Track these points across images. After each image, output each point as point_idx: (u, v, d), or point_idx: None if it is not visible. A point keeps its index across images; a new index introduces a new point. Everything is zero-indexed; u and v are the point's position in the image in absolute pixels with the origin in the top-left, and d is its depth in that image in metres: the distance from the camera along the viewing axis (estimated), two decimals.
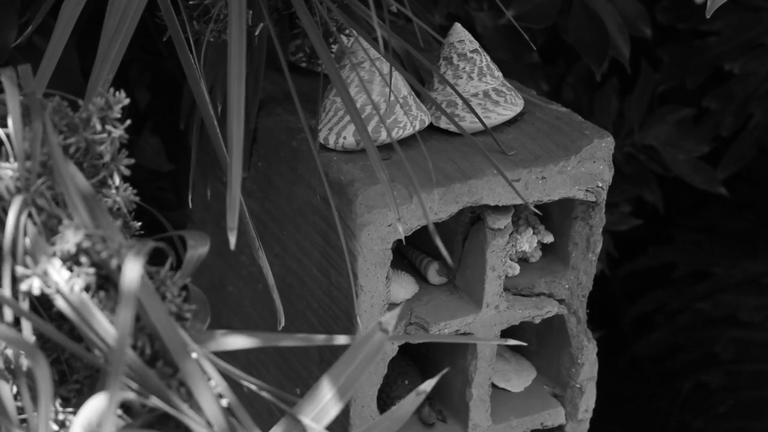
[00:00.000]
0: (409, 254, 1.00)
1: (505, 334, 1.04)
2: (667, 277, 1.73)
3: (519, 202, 0.91)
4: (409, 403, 0.71)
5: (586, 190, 0.94)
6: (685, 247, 1.71)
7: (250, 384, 0.71)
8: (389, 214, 0.87)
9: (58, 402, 0.67)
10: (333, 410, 0.69)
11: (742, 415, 1.69)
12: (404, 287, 0.95)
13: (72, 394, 0.69)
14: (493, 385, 1.02)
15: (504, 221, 0.91)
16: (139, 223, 0.76)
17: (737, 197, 1.73)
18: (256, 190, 1.01)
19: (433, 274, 0.97)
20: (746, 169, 1.63)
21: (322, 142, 0.91)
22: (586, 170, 0.94)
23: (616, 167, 1.48)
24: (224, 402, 0.65)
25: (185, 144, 1.09)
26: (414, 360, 1.02)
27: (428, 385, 0.71)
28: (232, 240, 0.71)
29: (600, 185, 0.95)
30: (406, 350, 1.01)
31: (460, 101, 0.94)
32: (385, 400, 0.99)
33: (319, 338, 0.71)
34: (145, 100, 1.19)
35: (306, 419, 0.68)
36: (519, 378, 1.03)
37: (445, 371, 0.76)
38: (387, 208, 0.87)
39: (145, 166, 1.19)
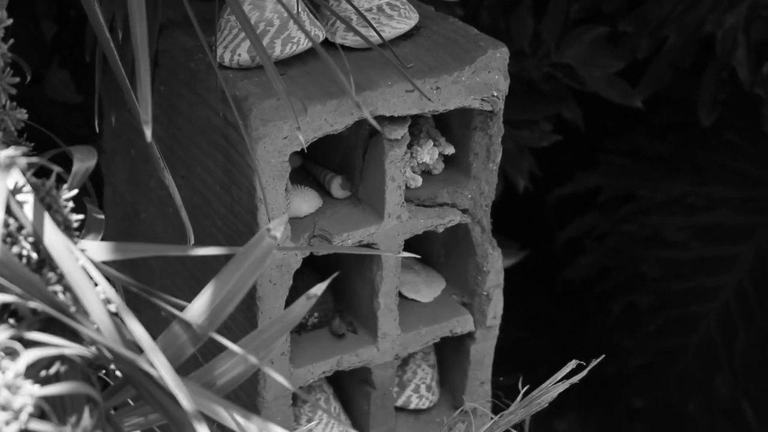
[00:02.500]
0: (314, 170, 1.01)
1: (412, 245, 1.06)
2: (594, 201, 1.76)
3: (414, 112, 0.93)
4: (300, 306, 0.73)
5: (482, 100, 0.96)
6: (611, 171, 1.74)
7: (140, 291, 0.73)
8: (284, 126, 0.89)
9: None
10: (221, 315, 0.70)
11: (671, 332, 1.73)
12: (307, 201, 0.97)
13: None
14: (404, 297, 1.05)
15: (400, 131, 0.93)
16: (32, 144, 0.77)
17: (660, 120, 1.76)
18: (160, 114, 1.02)
19: (337, 188, 0.99)
20: (666, 90, 1.66)
21: (218, 60, 0.93)
22: (481, 80, 0.96)
23: (534, 87, 1.52)
24: (112, 307, 0.67)
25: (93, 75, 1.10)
26: (323, 274, 1.04)
27: (318, 289, 0.72)
28: (148, 132, 0.71)
29: (495, 95, 0.97)
30: (315, 265, 1.03)
31: (355, 16, 0.96)
32: None
33: (206, 250, 0.73)
34: (51, 33, 1.20)
35: (196, 322, 0.70)
36: (428, 289, 1.06)
37: (335, 274, 0.78)
38: (282, 120, 0.88)
39: (57, 100, 1.20)
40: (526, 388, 1.01)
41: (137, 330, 0.65)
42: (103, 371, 0.74)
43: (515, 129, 1.50)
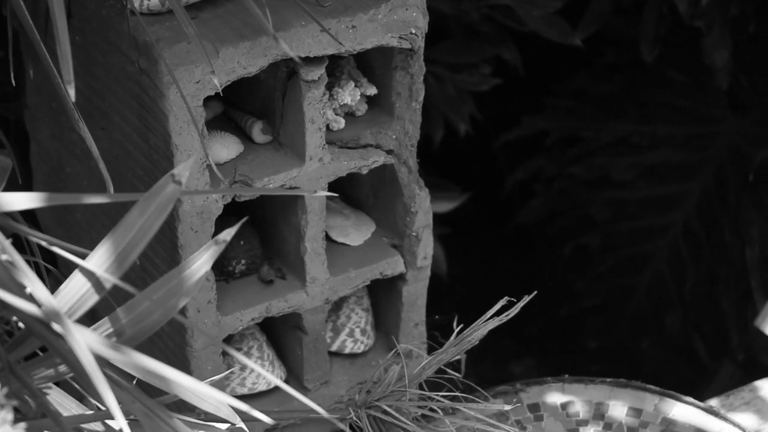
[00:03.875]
0: (235, 116, 1.00)
1: (340, 189, 1.06)
2: (541, 144, 1.75)
3: (330, 52, 0.92)
4: (210, 252, 0.72)
5: (400, 38, 0.95)
6: (556, 114, 1.73)
7: (39, 240, 0.72)
8: (196, 70, 0.87)
9: None
10: (125, 262, 0.69)
11: (622, 272, 1.74)
12: (227, 147, 0.96)
13: None
14: (333, 241, 1.04)
15: (317, 72, 0.92)
16: None
17: (604, 60, 1.75)
18: (77, 65, 1.00)
19: (258, 133, 0.98)
20: (608, 30, 1.65)
21: (129, 6, 0.91)
22: (398, 18, 0.94)
23: (473, 29, 1.50)
24: (3, 257, 0.65)
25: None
26: (251, 222, 1.03)
27: (228, 234, 0.71)
28: (72, 92, 0.69)
29: (414, 32, 0.95)
30: (242, 212, 1.02)
31: None
32: (222, 261, 1.00)
33: (114, 196, 0.72)
34: None
35: (99, 270, 0.69)
36: (358, 232, 1.05)
37: (245, 219, 0.77)
38: (193, 64, 0.87)
39: None
40: (459, 327, 1.01)
41: (32, 280, 0.64)
42: (6, 324, 0.73)
43: (455, 72, 1.49)
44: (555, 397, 1.10)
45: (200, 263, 0.71)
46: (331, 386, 1.06)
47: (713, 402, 1.22)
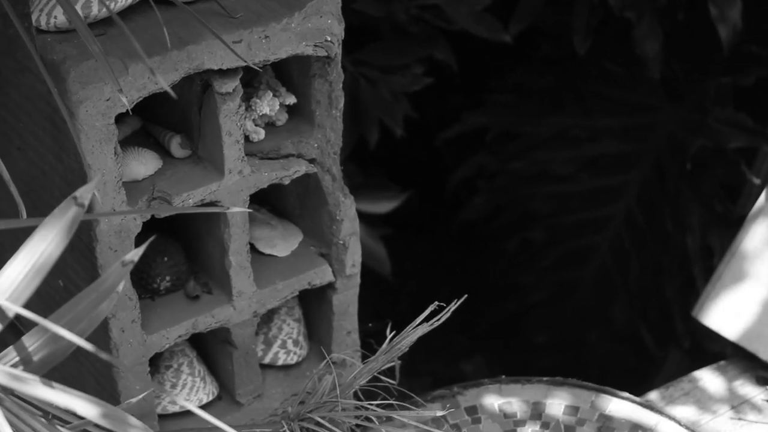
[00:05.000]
0: (153, 131, 0.99)
1: (264, 199, 1.05)
2: (481, 141, 1.75)
3: (243, 63, 0.91)
4: (115, 274, 0.70)
5: (315, 46, 0.94)
6: (495, 110, 1.73)
7: None
8: (105, 88, 0.86)
9: None
10: (28, 288, 0.68)
11: (566, 265, 1.74)
12: (145, 164, 0.94)
13: None
14: (261, 253, 1.03)
15: (231, 84, 0.91)
16: None
17: (540, 55, 1.75)
18: None
19: (176, 148, 0.97)
20: (542, 24, 1.65)
21: (35, 24, 0.89)
22: (313, 26, 0.93)
23: (402, 29, 1.49)
24: None
25: None
26: (175, 237, 1.02)
27: (135, 255, 0.70)
28: None
29: (329, 39, 0.95)
30: (165, 228, 1.01)
31: None
32: (146, 279, 0.99)
33: (15, 222, 0.70)
34: None
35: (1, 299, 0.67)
36: (285, 242, 1.04)
37: (152, 238, 0.76)
38: (102, 82, 0.86)
39: None
40: (392, 334, 1.00)
41: None
42: None
43: (387, 74, 1.48)
44: (492, 399, 1.10)
45: (108, 286, 0.70)
46: (264, 399, 1.05)
47: (653, 394, 1.22)
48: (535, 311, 1.79)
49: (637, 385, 1.33)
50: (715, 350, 1.38)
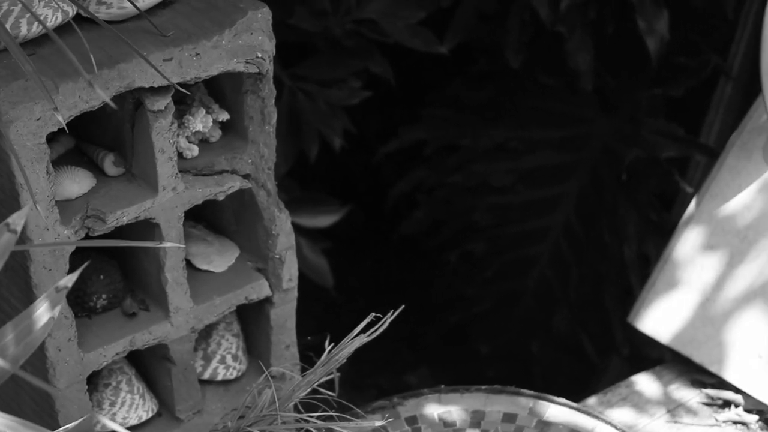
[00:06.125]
0: (87, 149, 0.99)
1: (199, 216, 1.05)
2: (420, 155, 1.77)
3: (175, 81, 0.91)
4: (46, 302, 0.71)
5: (246, 62, 0.95)
6: (433, 124, 1.74)
7: None
8: (36, 107, 0.86)
9: None
10: None
11: (508, 276, 1.76)
12: (78, 182, 0.94)
13: None
14: (198, 269, 1.04)
15: (163, 102, 0.92)
16: None
17: (476, 69, 1.77)
18: None
19: (110, 166, 0.97)
20: (477, 39, 1.67)
21: None
22: (243, 42, 0.94)
23: (339, 44, 1.51)
24: None
25: None
26: (111, 254, 1.02)
27: (69, 281, 0.71)
28: None
29: (260, 56, 0.96)
30: (101, 247, 1.01)
31: None
32: (82, 297, 0.99)
33: None
34: None
35: None
36: (222, 258, 1.05)
37: (87, 263, 0.76)
38: (33, 101, 0.86)
39: None
40: (331, 347, 1.01)
41: None
42: None
43: (324, 88, 1.49)
44: (432, 408, 1.11)
45: (42, 311, 0.71)
46: (204, 415, 1.06)
47: (592, 400, 1.24)
48: (479, 322, 1.81)
49: (579, 392, 1.35)
50: (655, 356, 1.40)
